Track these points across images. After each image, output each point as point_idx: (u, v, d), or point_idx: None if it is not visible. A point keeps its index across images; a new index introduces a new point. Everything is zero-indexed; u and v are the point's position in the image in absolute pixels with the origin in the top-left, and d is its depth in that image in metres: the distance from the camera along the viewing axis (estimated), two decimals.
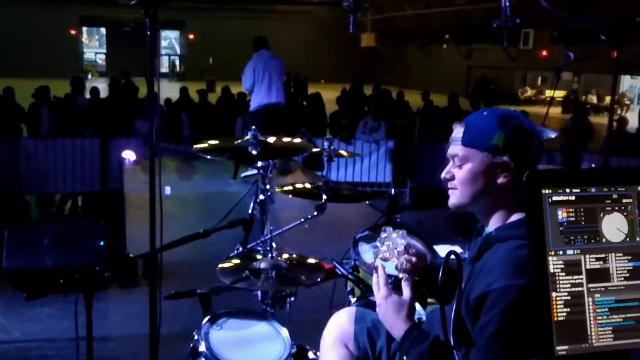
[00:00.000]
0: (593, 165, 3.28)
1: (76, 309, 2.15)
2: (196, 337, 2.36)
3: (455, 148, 1.73)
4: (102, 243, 4.52)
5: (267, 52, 7.80)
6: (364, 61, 32.14)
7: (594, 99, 26.08)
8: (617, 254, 1.17)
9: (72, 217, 7.27)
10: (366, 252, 2.82)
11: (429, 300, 2.50)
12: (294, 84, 19.73)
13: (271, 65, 7.75)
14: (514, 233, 1.59)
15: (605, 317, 1.14)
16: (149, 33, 2.40)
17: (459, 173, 1.71)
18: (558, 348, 1.11)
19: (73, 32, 33.52)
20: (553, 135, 3.88)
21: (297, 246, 3.38)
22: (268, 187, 2.95)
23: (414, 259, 1.93)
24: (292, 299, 2.70)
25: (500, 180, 1.67)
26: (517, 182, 1.65)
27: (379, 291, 1.80)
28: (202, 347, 2.28)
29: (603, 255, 1.16)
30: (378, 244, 1.97)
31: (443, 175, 1.76)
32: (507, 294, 1.50)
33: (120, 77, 14.29)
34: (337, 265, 2.80)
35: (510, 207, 1.69)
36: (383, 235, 1.97)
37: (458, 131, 1.74)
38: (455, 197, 1.75)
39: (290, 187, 3.43)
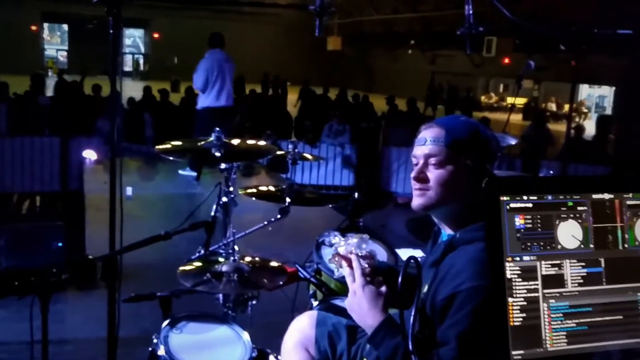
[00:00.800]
0: (551, 172, 3.36)
1: (31, 311, 2.11)
2: (155, 340, 2.32)
3: (435, 148, 1.73)
4: (60, 244, 4.43)
5: (221, 52, 7.81)
6: (330, 64, 32.22)
7: (553, 106, 26.69)
8: (572, 261, 1.20)
9: (29, 217, 7.10)
10: (329, 255, 2.82)
11: None
12: (273, 86, 19.73)
13: (225, 67, 7.78)
14: (479, 235, 1.61)
15: (559, 322, 1.17)
16: (111, 32, 2.36)
17: (436, 174, 1.73)
18: (514, 353, 1.13)
19: (34, 28, 32.78)
20: (513, 142, 3.94)
21: (260, 249, 3.35)
22: (231, 189, 2.93)
23: (370, 261, 1.92)
24: (254, 302, 2.68)
25: (472, 184, 1.70)
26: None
27: (354, 281, 1.77)
28: (161, 351, 2.25)
29: (558, 262, 1.19)
30: (335, 242, 1.96)
31: (414, 174, 1.76)
32: (476, 294, 1.52)
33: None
34: (299, 268, 2.80)
35: (476, 210, 1.70)
36: (334, 239, 1.97)
37: (431, 132, 1.76)
38: (426, 198, 1.75)
39: (254, 190, 3.41)
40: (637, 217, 1.25)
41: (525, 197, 1.18)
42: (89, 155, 7.41)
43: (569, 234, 1.20)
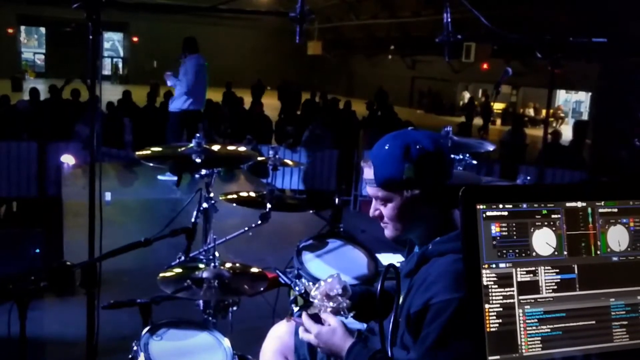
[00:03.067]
0: (529, 178, 3.41)
1: (9, 318, 2.09)
2: (135, 348, 2.31)
3: (373, 189, 1.76)
4: (37, 251, 4.38)
5: (201, 57, 7.88)
6: (310, 69, 32.27)
7: (531, 111, 26.99)
8: (546, 267, 1.23)
9: (6, 223, 7.01)
10: (310, 260, 2.84)
11: None
12: (280, 93, 19.73)
13: (204, 70, 7.85)
14: (451, 247, 1.64)
15: (534, 327, 1.20)
16: (91, 37, 2.35)
17: (385, 211, 1.76)
18: (490, 358, 1.15)
19: (10, 30, 32.38)
20: (491, 148, 4.01)
21: (241, 255, 3.36)
22: (212, 195, 2.93)
23: (346, 293, 1.88)
24: (235, 308, 2.68)
25: (426, 207, 1.72)
26: (442, 206, 1.70)
27: (310, 335, 1.81)
28: (141, 358, 2.24)
29: (533, 268, 1.22)
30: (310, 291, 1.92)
31: (371, 214, 1.81)
32: (448, 307, 1.54)
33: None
34: (280, 274, 2.80)
35: (444, 227, 1.73)
36: (307, 287, 1.93)
37: (369, 172, 1.77)
38: (389, 231, 1.80)
39: (235, 196, 3.41)
40: (609, 224, 1.29)
41: (500, 206, 1.21)
42: (67, 160, 7.35)
43: (543, 241, 1.23)
